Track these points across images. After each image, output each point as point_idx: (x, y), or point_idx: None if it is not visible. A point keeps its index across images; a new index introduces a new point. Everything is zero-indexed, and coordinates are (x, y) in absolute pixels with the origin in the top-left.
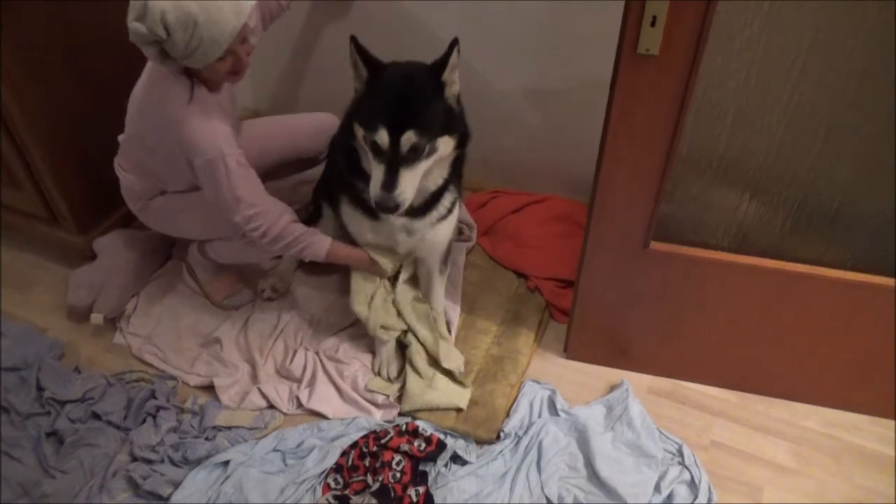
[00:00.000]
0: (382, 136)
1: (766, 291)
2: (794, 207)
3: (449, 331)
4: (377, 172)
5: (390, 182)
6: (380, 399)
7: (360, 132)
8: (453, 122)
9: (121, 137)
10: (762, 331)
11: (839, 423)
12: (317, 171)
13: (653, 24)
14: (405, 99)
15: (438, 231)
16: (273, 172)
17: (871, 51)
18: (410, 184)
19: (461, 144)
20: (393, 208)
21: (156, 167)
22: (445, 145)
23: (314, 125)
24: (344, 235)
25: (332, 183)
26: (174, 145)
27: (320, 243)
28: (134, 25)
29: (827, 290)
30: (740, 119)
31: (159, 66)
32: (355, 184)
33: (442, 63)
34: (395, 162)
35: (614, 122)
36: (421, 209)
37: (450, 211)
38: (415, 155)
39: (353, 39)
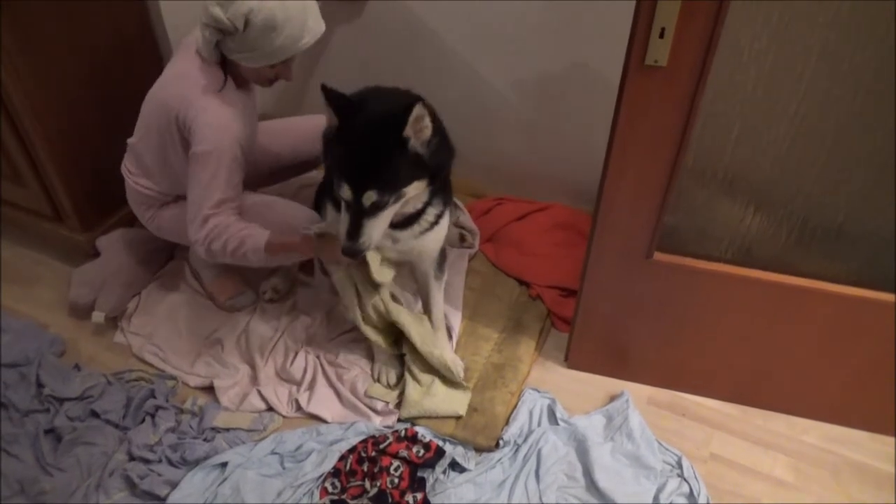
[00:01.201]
0: (346, 192)
1: (769, 304)
2: (799, 221)
3: (450, 336)
4: (343, 220)
5: (354, 232)
6: (379, 405)
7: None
8: (421, 169)
9: (131, 141)
10: (763, 344)
11: (838, 438)
12: (320, 174)
13: (661, 35)
14: (367, 157)
15: (425, 241)
16: (273, 175)
17: (878, 66)
18: (375, 231)
19: (435, 180)
20: (357, 254)
21: (164, 169)
22: (415, 189)
23: (312, 127)
24: None
25: (328, 187)
26: (186, 131)
27: (258, 237)
28: (214, 10)
29: (829, 305)
30: (746, 131)
31: (193, 56)
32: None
33: (400, 120)
34: (359, 214)
35: (620, 132)
36: (402, 223)
37: (435, 223)
38: (377, 209)
39: (324, 88)
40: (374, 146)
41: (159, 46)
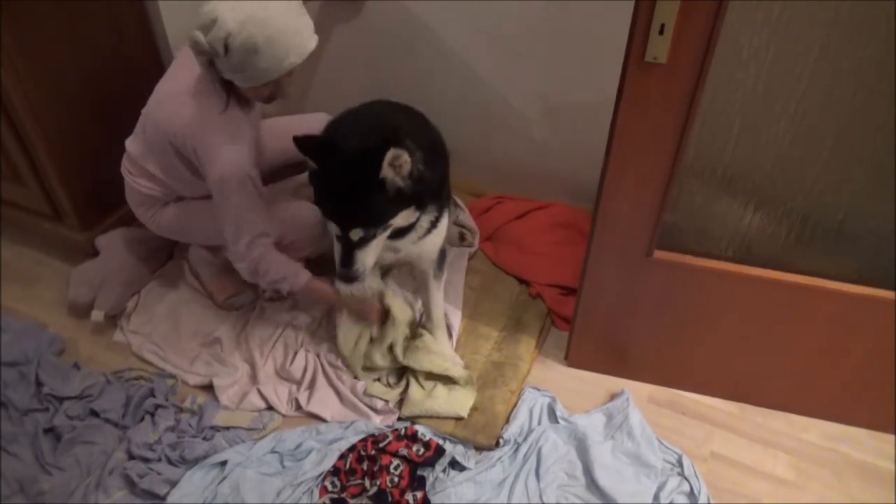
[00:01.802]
0: (334, 228)
1: (769, 302)
2: (799, 219)
3: (450, 335)
4: (336, 249)
5: (347, 261)
6: (379, 404)
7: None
8: (405, 200)
9: (129, 148)
10: (763, 342)
11: (839, 436)
12: None
13: (661, 32)
14: (348, 198)
15: (424, 245)
16: (273, 173)
17: (879, 64)
18: (368, 259)
19: (425, 201)
20: (352, 280)
21: (169, 174)
22: (403, 218)
23: (311, 127)
24: None
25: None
26: (190, 153)
27: (299, 277)
28: (196, 35)
29: (829, 303)
30: (747, 129)
31: (191, 70)
32: None
33: (375, 163)
34: (349, 246)
35: (620, 130)
36: (399, 233)
37: (431, 229)
38: (365, 241)
39: (296, 140)
40: (352, 189)
41: (158, 47)
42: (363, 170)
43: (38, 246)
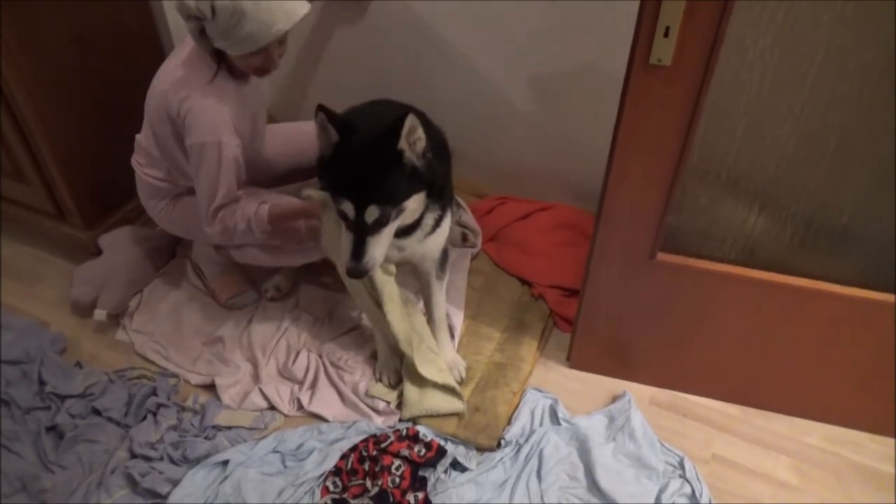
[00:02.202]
0: (348, 208)
1: (772, 305)
2: (803, 222)
3: (452, 336)
4: (346, 239)
5: (358, 251)
6: (380, 405)
7: (327, 192)
8: (418, 181)
9: (140, 135)
10: (766, 345)
11: (840, 439)
12: None
13: (666, 34)
14: (365, 174)
15: (427, 245)
16: (278, 179)
17: (883, 66)
18: (379, 249)
19: (433, 191)
20: (362, 274)
21: (168, 158)
22: (415, 202)
23: (314, 132)
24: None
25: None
26: (179, 121)
27: (261, 211)
28: None
29: (832, 306)
30: (751, 131)
31: (191, 47)
32: (340, 205)
33: (394, 133)
34: (362, 232)
35: (624, 132)
36: (404, 232)
37: (435, 227)
38: (380, 224)
39: (322, 108)
40: (371, 162)
41: (162, 43)
42: (381, 143)
43: (41, 244)
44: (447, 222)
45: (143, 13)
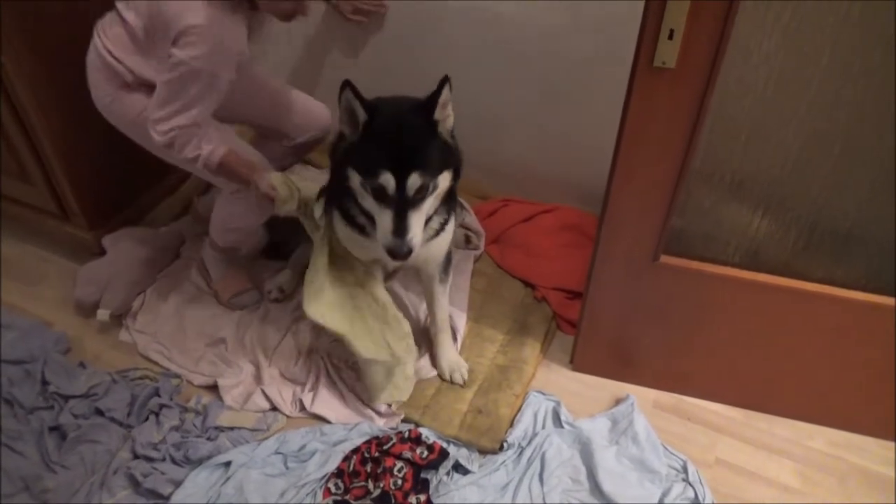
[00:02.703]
0: (388, 181)
1: (775, 309)
2: (807, 225)
3: (455, 338)
4: (384, 218)
5: (401, 228)
6: (382, 407)
7: (356, 179)
8: (450, 157)
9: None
10: (769, 348)
11: (844, 444)
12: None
13: (670, 37)
14: (405, 142)
15: (431, 248)
16: (289, 153)
17: (889, 68)
18: (419, 226)
19: (457, 176)
20: (406, 254)
21: (144, 48)
22: (445, 180)
23: (306, 109)
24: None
25: (329, 196)
26: (173, 25)
27: (216, 152)
28: None
29: (836, 310)
30: (755, 134)
31: None
32: (349, 205)
33: (432, 101)
34: (403, 206)
35: (628, 135)
36: None
37: (439, 231)
38: (420, 196)
39: (348, 84)
40: (409, 131)
41: None
42: (418, 113)
43: (44, 244)
44: (451, 225)
45: None
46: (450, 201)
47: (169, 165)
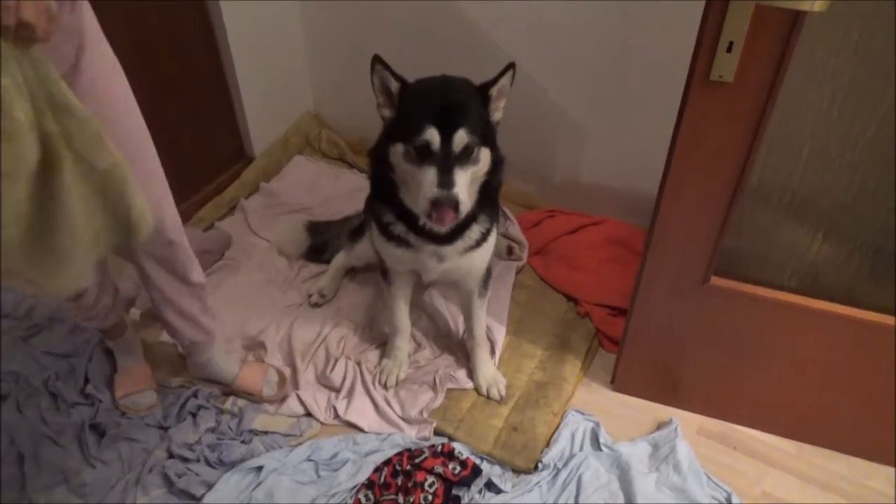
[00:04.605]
0: (433, 136)
1: (833, 338)
2: (871, 251)
3: (493, 352)
4: (427, 175)
5: (447, 180)
6: (413, 412)
7: (399, 151)
8: (493, 138)
9: None
10: (826, 378)
11: None
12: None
13: (729, 49)
14: (451, 97)
15: (472, 259)
16: None
17: None
18: (465, 186)
19: (494, 169)
20: (453, 206)
21: None
22: (486, 159)
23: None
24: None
25: (367, 206)
26: None
27: None
28: None
29: None
30: (818, 154)
31: None
32: (384, 214)
33: (494, 80)
34: (449, 161)
35: (680, 150)
36: (450, 235)
37: (481, 242)
38: (466, 157)
39: (378, 58)
40: (460, 92)
41: (218, 45)
42: (468, 83)
43: None
44: (493, 237)
45: (200, 16)
46: (492, 209)
47: (217, 167)
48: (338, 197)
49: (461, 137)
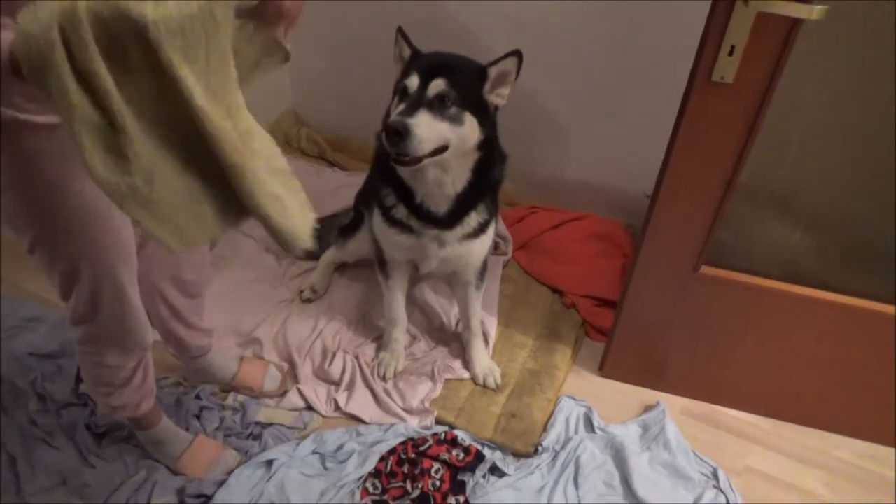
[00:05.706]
0: (413, 81)
1: (813, 322)
2: (851, 241)
3: (486, 342)
4: (398, 108)
5: (408, 111)
6: (414, 402)
7: (393, 104)
8: (484, 113)
9: None
10: (803, 360)
11: (872, 455)
12: (358, 178)
13: (731, 53)
14: (445, 61)
15: (471, 248)
16: None
17: None
18: (426, 125)
19: (486, 145)
20: (402, 131)
21: None
22: (471, 128)
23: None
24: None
25: (368, 193)
26: None
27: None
28: None
29: (873, 325)
30: (804, 150)
31: None
32: (385, 198)
33: (495, 61)
34: (418, 102)
35: (679, 147)
36: (448, 219)
37: (479, 232)
38: (440, 105)
39: (400, 29)
40: (450, 56)
41: None
42: (467, 58)
43: None
44: (492, 230)
45: None
46: (492, 203)
47: None
48: (321, 193)
49: (437, 84)
